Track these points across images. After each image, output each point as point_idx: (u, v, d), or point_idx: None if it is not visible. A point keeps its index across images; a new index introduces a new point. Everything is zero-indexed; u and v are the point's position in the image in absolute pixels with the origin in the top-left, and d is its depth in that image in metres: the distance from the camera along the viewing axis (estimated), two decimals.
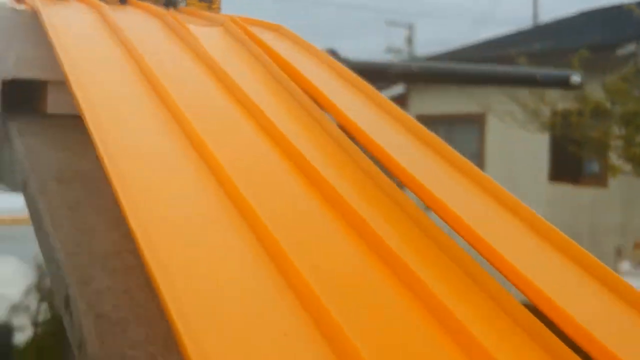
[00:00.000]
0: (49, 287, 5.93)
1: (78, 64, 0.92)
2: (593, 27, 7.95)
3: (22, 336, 5.67)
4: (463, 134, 8.66)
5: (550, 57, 5.78)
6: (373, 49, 32.34)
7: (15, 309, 6.00)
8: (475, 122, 8.26)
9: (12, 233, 6.71)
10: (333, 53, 1.66)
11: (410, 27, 16.63)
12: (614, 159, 5.61)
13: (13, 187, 8.36)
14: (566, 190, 7.17)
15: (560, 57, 5.84)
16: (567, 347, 0.62)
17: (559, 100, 5.86)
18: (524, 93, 5.93)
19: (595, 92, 5.39)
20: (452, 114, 8.58)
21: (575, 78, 2.29)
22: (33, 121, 1.03)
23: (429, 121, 8.96)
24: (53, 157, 0.92)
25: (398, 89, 11.61)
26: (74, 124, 0.93)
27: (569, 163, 6.97)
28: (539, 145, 7.30)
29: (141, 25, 1.18)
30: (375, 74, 2.80)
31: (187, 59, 1.05)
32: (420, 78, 3.24)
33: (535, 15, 15.14)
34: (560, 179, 7.21)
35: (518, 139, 7.34)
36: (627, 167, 5.49)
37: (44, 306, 5.96)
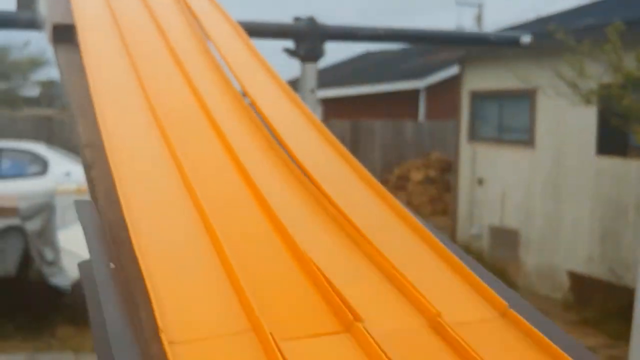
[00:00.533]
0: None
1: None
2: None
3: None
4: (515, 109, 8.79)
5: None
6: (443, 26, 32.04)
7: None
8: (527, 98, 8.38)
9: None
10: (311, 19, 1.95)
11: (480, 6, 16.54)
12: None
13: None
14: (613, 163, 7.28)
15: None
16: None
17: (603, 75, 5.97)
18: (568, 68, 6.06)
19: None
20: (505, 89, 8.71)
21: (525, 39, 2.57)
22: (71, 50, 1.57)
23: (483, 97, 9.16)
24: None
25: (453, 70, 11.72)
26: None
27: (617, 136, 7.07)
28: (587, 120, 7.40)
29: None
30: (349, 36, 3.15)
31: None
32: (386, 39, 3.57)
33: None
34: (607, 152, 7.32)
35: (567, 113, 7.46)
36: None
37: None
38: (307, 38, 2.68)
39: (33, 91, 14.97)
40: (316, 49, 2.72)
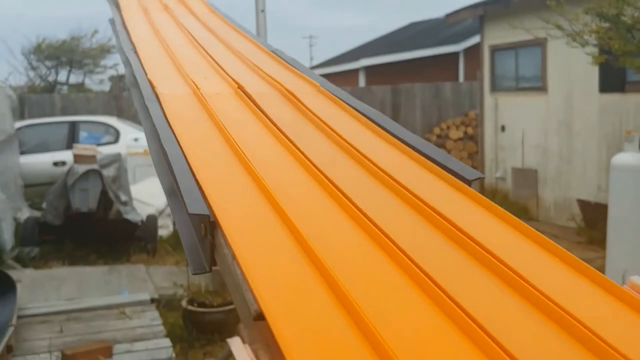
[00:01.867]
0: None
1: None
2: None
3: (164, 231, 7.43)
4: (529, 59, 9.59)
5: None
6: None
7: (160, 213, 7.78)
8: (538, 47, 9.17)
9: None
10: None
11: None
12: None
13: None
14: (614, 98, 8.05)
15: None
16: None
17: (596, 20, 6.75)
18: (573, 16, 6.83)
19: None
20: (519, 41, 9.50)
21: None
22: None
23: (500, 49, 9.97)
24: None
25: (476, 38, 12.45)
26: None
27: (615, 74, 7.83)
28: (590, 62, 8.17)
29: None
30: None
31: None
32: None
33: None
34: (608, 90, 8.08)
35: (573, 58, 8.24)
36: None
37: None
38: None
39: (102, 74, 16.55)
40: None
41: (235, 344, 2.18)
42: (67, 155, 8.43)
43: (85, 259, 6.39)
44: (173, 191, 1.46)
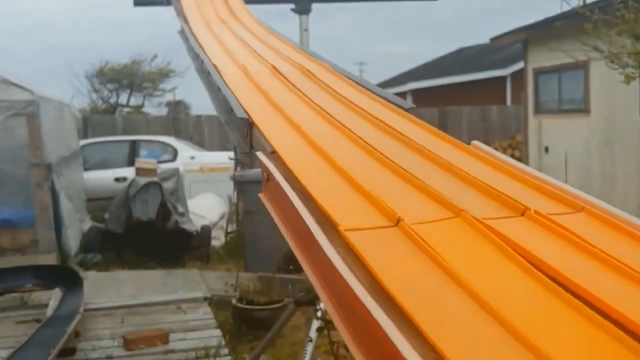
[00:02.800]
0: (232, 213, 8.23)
1: None
2: None
3: (216, 242, 7.87)
4: (570, 81, 9.78)
5: None
6: None
7: (214, 225, 8.24)
8: (581, 70, 9.36)
9: (212, 178, 9.24)
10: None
11: None
12: None
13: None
14: None
15: None
16: None
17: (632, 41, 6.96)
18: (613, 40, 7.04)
19: None
20: (562, 64, 9.71)
21: None
22: None
23: (543, 72, 10.19)
24: None
25: (522, 63, 12.68)
26: None
27: None
28: (632, 85, 8.33)
29: None
30: None
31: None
32: None
33: None
34: None
35: (615, 80, 8.42)
36: None
37: (231, 225, 8.20)
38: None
39: (161, 97, 17.33)
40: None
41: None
42: (127, 172, 9.01)
43: (144, 265, 6.85)
44: (227, 121, 2.69)
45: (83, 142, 10.13)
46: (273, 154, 1.97)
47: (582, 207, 1.63)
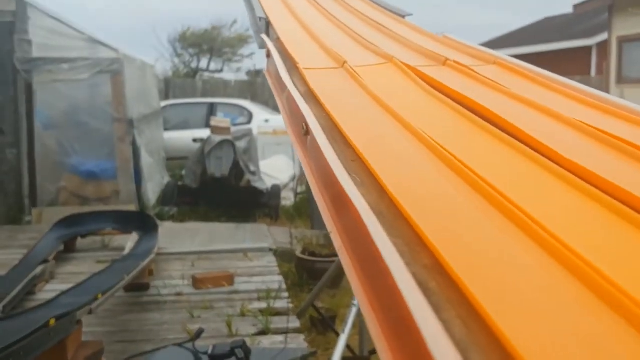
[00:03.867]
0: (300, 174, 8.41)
1: None
2: None
3: (286, 202, 8.09)
4: None
5: None
6: None
7: (284, 186, 8.46)
8: None
9: (284, 140, 9.45)
10: None
11: None
12: None
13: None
14: None
15: None
16: None
17: None
18: None
19: None
20: None
21: None
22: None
23: (628, 41, 9.83)
24: None
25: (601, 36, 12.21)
26: None
27: None
28: None
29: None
30: None
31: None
32: None
33: None
34: None
35: None
36: None
37: (301, 186, 8.39)
38: None
39: (240, 62, 17.69)
40: None
41: None
42: (205, 133, 9.28)
43: (217, 219, 7.14)
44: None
45: (164, 103, 10.52)
46: (278, 40, 2.43)
47: (494, 60, 1.93)
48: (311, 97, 1.64)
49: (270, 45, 2.29)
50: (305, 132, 1.37)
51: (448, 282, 0.74)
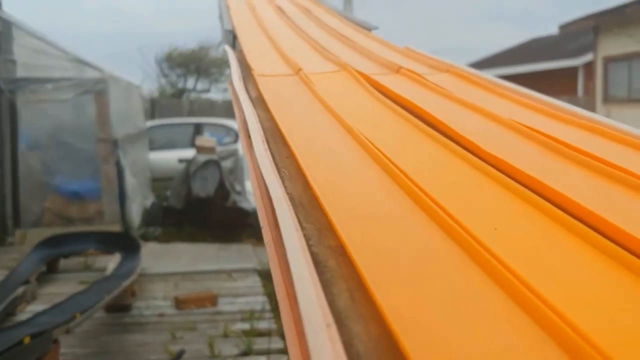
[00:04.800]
0: None
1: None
2: None
3: None
4: None
5: None
6: None
7: None
8: None
9: None
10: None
11: None
12: None
13: None
14: None
15: None
16: None
17: None
18: None
19: None
20: (632, 52, 9.44)
21: None
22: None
23: (613, 61, 9.92)
24: None
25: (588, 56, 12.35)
26: None
27: None
28: None
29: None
30: None
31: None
32: None
33: None
34: None
35: None
36: None
37: None
38: None
39: (227, 82, 17.65)
40: None
41: None
42: (191, 153, 9.26)
43: (202, 239, 7.07)
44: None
45: (150, 123, 10.46)
46: (241, 50, 2.56)
47: (447, 69, 1.96)
48: (260, 102, 1.72)
49: (230, 55, 2.35)
50: (248, 135, 1.40)
51: (347, 261, 0.80)
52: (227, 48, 2.55)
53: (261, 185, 1.13)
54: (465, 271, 0.77)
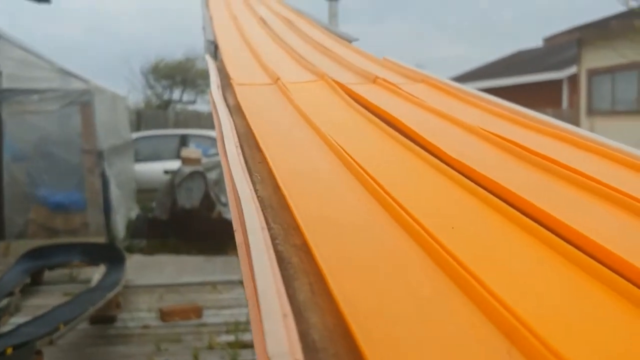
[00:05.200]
0: None
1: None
2: None
3: None
4: (625, 82, 9.62)
5: None
6: None
7: None
8: (635, 70, 9.20)
9: None
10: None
11: None
12: None
13: None
14: None
15: None
16: None
17: None
18: None
19: None
20: (616, 65, 9.56)
21: None
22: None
23: (597, 74, 10.03)
24: None
25: (572, 69, 12.49)
26: None
27: None
28: None
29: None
30: None
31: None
32: None
33: None
34: None
35: None
36: None
37: None
38: None
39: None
40: None
41: None
42: (176, 165, 9.26)
43: (187, 251, 7.07)
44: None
45: (135, 134, 10.46)
46: (221, 60, 2.58)
47: (422, 79, 2.03)
48: (237, 110, 1.76)
49: (210, 64, 2.40)
50: (223, 142, 1.42)
51: (310, 258, 0.84)
52: (208, 58, 2.59)
53: (235, 190, 1.16)
54: (423, 268, 0.81)
